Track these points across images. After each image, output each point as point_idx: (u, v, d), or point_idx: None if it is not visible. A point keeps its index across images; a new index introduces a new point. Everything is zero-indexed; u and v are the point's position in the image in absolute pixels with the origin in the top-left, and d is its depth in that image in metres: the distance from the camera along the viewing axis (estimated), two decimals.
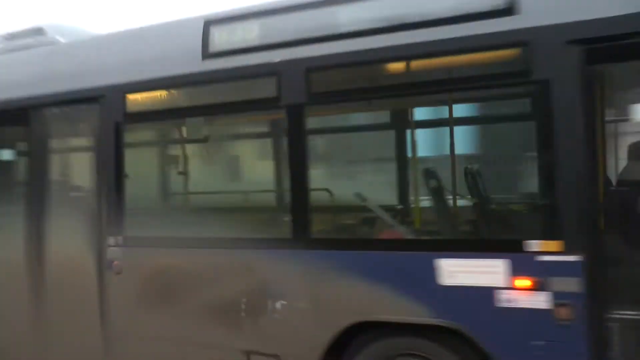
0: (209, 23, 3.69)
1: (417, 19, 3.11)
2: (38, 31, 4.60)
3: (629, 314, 2.85)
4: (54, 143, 4.26)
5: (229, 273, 3.54)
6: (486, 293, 2.90)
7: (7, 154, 5.00)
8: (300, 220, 3.33)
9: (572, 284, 2.73)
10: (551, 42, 2.77)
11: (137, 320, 3.83)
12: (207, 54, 3.64)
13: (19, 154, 4.73)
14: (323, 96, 3.33)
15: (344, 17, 3.29)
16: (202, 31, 3.68)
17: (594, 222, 2.78)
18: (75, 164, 4.38)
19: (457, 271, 2.98)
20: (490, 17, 2.94)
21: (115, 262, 3.88)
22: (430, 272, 3.00)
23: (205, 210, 4.34)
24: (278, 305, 3.37)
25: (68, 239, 4.09)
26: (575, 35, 2.73)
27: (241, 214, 4.40)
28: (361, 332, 3.21)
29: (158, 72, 3.77)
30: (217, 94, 3.66)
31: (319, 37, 3.33)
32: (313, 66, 3.31)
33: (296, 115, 3.35)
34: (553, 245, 2.79)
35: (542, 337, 2.80)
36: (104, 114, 3.98)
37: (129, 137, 3.99)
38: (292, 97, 3.35)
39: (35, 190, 4.19)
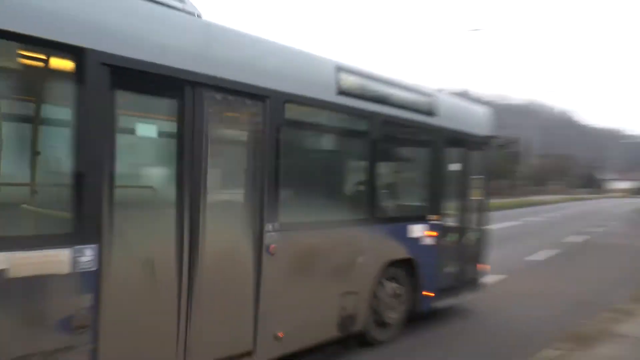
0: (340, 68, 5.27)
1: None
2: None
3: None
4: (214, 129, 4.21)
5: (347, 245, 5.45)
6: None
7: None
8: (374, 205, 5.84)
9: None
10: None
11: (289, 290, 4.84)
12: (339, 91, 5.28)
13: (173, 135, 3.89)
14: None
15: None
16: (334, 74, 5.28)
17: None
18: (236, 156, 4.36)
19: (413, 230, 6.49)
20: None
21: (272, 246, 4.65)
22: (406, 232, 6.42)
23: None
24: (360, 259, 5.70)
25: (228, 227, 4.38)
26: None
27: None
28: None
29: (313, 93, 4.97)
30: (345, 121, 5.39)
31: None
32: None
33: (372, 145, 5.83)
34: (437, 217, 6.83)
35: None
36: (268, 114, 4.55)
37: (287, 140, 4.75)
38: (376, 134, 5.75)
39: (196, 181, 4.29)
